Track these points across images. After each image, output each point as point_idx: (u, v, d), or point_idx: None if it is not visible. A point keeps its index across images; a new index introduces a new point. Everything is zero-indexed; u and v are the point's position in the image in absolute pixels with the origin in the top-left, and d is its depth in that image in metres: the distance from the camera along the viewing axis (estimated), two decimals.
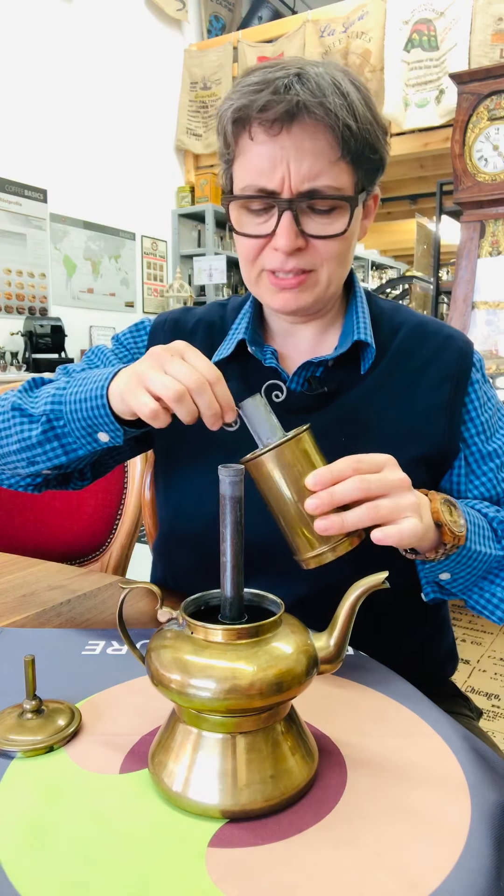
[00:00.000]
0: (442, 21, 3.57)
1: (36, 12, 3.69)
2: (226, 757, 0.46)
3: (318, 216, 0.71)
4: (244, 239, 0.75)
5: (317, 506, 0.55)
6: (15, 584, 0.95)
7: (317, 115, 0.67)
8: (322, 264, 0.74)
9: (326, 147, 0.69)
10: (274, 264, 0.74)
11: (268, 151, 0.69)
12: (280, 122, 0.68)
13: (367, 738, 0.54)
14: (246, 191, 0.72)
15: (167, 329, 0.89)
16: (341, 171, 0.71)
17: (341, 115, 0.67)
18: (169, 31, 4.67)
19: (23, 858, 0.41)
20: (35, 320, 3.57)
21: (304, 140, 0.68)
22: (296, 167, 0.69)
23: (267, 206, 0.72)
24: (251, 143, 0.71)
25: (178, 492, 0.85)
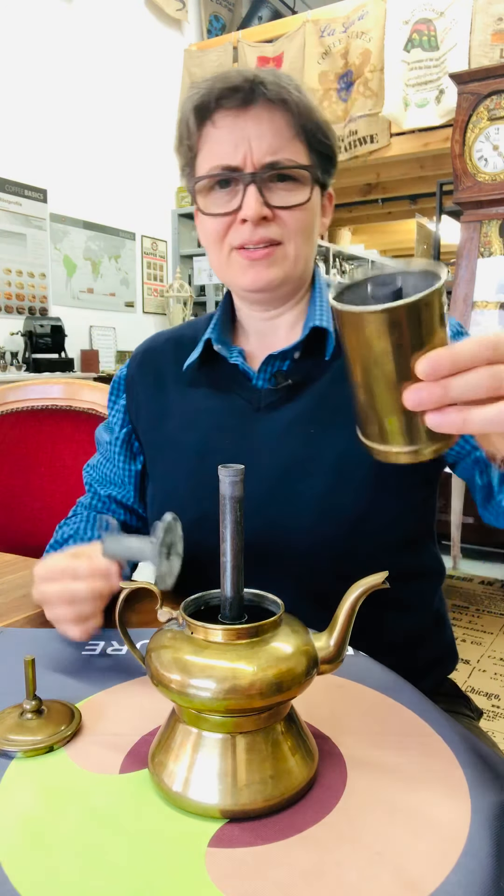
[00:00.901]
0: (442, 21, 3.57)
1: (36, 12, 3.69)
2: (226, 757, 0.46)
3: (281, 189, 0.76)
4: (211, 220, 0.78)
5: (419, 402, 0.41)
6: (15, 584, 0.95)
7: (273, 91, 0.73)
8: (289, 237, 0.77)
9: (283, 125, 0.75)
10: (242, 237, 0.76)
11: (230, 133, 0.75)
12: (239, 104, 0.74)
13: (367, 738, 0.54)
14: (210, 171, 0.76)
15: (137, 365, 0.92)
16: (298, 148, 0.76)
17: (294, 95, 0.74)
18: (169, 31, 4.67)
19: (23, 858, 0.41)
20: (35, 320, 3.57)
21: (262, 119, 0.74)
22: (257, 143, 0.74)
23: (232, 183, 0.76)
24: (213, 130, 0.76)
25: (162, 493, 0.87)
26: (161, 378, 0.88)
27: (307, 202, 0.77)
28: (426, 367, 0.40)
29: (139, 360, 0.93)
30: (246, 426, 0.81)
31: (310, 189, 0.77)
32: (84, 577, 0.63)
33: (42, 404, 1.35)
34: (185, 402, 0.85)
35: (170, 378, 0.88)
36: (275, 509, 0.76)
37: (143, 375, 0.90)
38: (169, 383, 0.88)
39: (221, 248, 0.79)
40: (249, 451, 0.79)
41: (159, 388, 0.88)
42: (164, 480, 0.87)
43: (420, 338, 0.40)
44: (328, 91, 4.03)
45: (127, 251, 4.45)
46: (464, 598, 2.99)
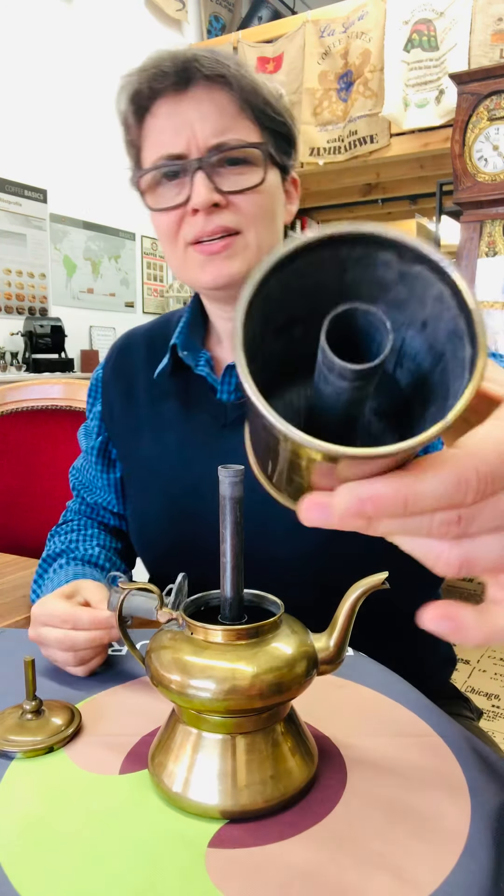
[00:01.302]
0: (442, 21, 3.57)
1: (36, 13, 3.68)
2: (225, 757, 0.46)
3: (231, 172, 0.69)
4: (162, 216, 0.72)
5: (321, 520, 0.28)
6: (15, 584, 0.95)
7: (210, 68, 0.67)
8: (247, 225, 0.70)
9: (226, 102, 0.69)
10: (196, 230, 0.70)
11: (170, 120, 0.69)
12: (176, 86, 0.68)
13: (367, 739, 0.54)
14: (154, 164, 0.71)
15: (111, 369, 0.89)
16: (246, 127, 0.70)
17: (233, 69, 0.68)
18: (169, 32, 4.67)
19: (23, 859, 0.41)
20: (35, 320, 3.57)
21: (202, 100, 0.68)
22: (200, 126, 0.68)
23: (179, 172, 0.70)
24: (153, 120, 0.71)
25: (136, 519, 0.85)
26: (133, 387, 0.85)
27: (261, 184, 0.70)
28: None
29: (113, 363, 0.89)
30: (212, 445, 0.77)
31: (263, 170, 0.70)
32: (85, 633, 0.61)
33: (42, 404, 1.35)
34: (154, 414, 0.82)
35: (141, 386, 0.84)
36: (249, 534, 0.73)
37: (117, 381, 0.87)
38: (140, 392, 0.84)
39: (176, 246, 0.73)
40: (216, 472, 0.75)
41: (131, 398, 0.85)
42: (137, 501, 0.85)
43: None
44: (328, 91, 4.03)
45: (127, 251, 4.44)
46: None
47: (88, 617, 0.61)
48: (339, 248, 0.24)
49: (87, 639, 0.61)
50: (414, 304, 0.24)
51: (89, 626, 0.61)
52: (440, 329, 0.24)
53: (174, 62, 0.67)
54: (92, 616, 0.61)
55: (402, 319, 0.25)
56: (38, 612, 0.64)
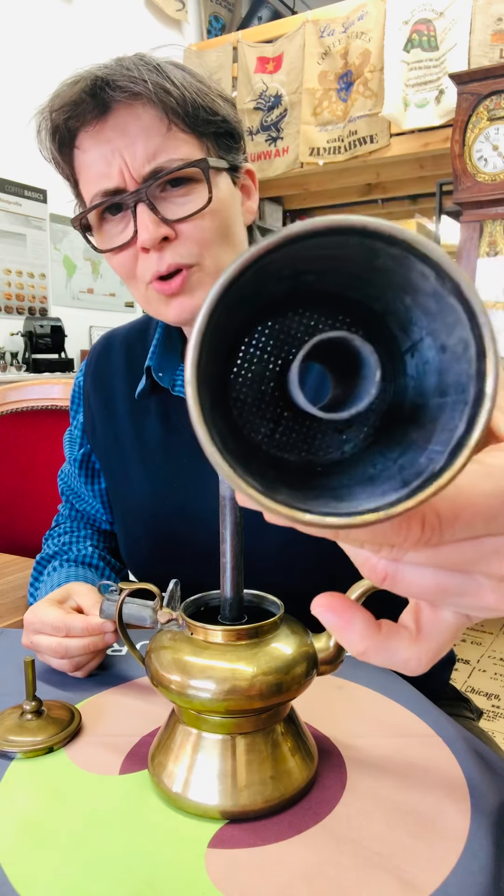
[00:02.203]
0: (442, 21, 3.57)
1: (36, 13, 3.69)
2: (225, 758, 0.46)
3: (175, 197, 0.64)
4: (115, 257, 0.67)
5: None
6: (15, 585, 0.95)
7: (121, 88, 0.61)
8: (202, 253, 0.66)
9: (152, 120, 0.63)
10: (150, 269, 0.65)
11: (97, 153, 0.64)
12: (94, 115, 0.63)
13: (367, 739, 0.54)
14: (92, 202, 0.66)
15: (91, 378, 0.86)
16: (180, 141, 0.64)
17: (150, 79, 0.61)
18: (169, 32, 4.67)
19: (23, 859, 0.41)
20: (35, 320, 3.57)
21: (126, 124, 0.62)
22: (129, 154, 0.63)
23: (119, 208, 0.66)
24: (82, 155, 0.66)
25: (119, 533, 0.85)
26: (112, 399, 0.83)
27: (210, 202, 0.64)
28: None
29: (93, 370, 0.87)
30: (193, 467, 0.75)
31: (208, 186, 0.64)
32: (78, 640, 0.61)
33: (42, 404, 1.35)
34: (134, 431, 0.80)
35: (121, 399, 0.82)
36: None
37: (97, 391, 0.85)
38: (120, 407, 0.82)
39: (137, 285, 0.69)
40: (198, 497, 0.74)
41: (112, 412, 0.83)
42: (122, 522, 0.84)
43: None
44: (328, 91, 4.03)
45: None
46: None
47: (81, 624, 0.61)
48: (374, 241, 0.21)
49: (81, 646, 0.61)
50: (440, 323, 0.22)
51: (82, 633, 0.61)
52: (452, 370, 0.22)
53: (84, 92, 0.62)
54: (85, 623, 0.61)
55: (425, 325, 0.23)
56: (31, 620, 0.63)
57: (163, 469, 0.78)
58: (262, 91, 4.30)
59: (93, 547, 0.84)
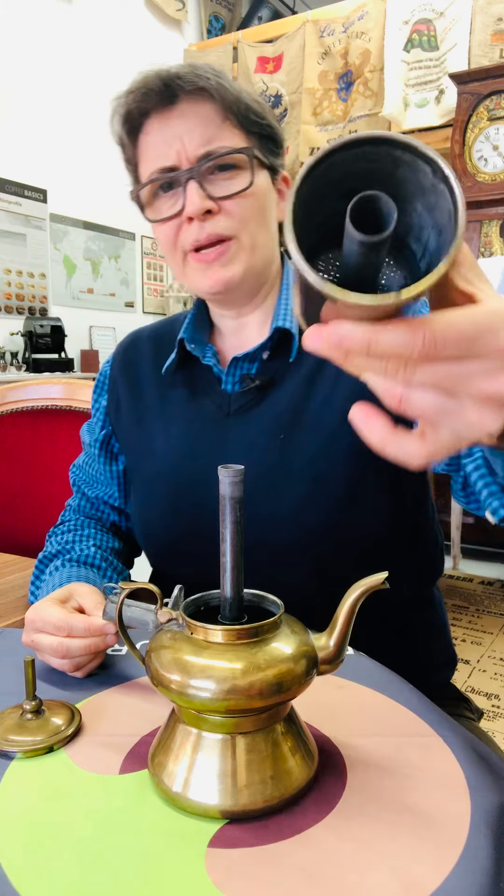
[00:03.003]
0: (442, 21, 3.57)
1: (36, 13, 3.69)
2: (225, 757, 0.46)
3: (221, 178, 0.74)
4: (161, 227, 0.76)
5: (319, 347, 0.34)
6: (15, 584, 0.95)
7: (191, 82, 0.72)
8: (240, 229, 0.74)
9: (210, 112, 0.73)
10: (191, 237, 0.74)
11: (160, 136, 0.74)
12: (162, 103, 0.73)
13: (367, 739, 0.54)
14: (149, 178, 0.76)
15: (118, 365, 0.91)
16: (231, 133, 0.74)
17: (212, 79, 0.72)
18: (169, 32, 4.67)
19: (23, 858, 0.41)
20: (35, 320, 3.57)
21: (188, 114, 0.73)
22: (188, 138, 0.72)
23: (172, 184, 0.74)
24: (146, 138, 0.76)
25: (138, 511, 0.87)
26: (140, 380, 0.88)
27: (251, 186, 0.74)
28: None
29: (120, 359, 0.91)
30: (218, 433, 0.79)
31: (251, 173, 0.74)
32: (80, 641, 0.61)
33: (42, 404, 1.35)
34: (161, 406, 0.85)
35: (148, 381, 0.87)
36: (250, 519, 0.74)
37: (124, 375, 0.89)
38: (147, 386, 0.87)
39: (176, 255, 0.77)
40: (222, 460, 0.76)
41: (138, 392, 0.87)
42: (142, 491, 0.86)
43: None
44: (328, 91, 4.03)
45: (127, 251, 4.44)
46: (464, 598, 2.99)
47: (83, 625, 0.61)
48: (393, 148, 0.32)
49: (82, 646, 0.61)
50: (438, 211, 0.32)
51: (84, 633, 0.61)
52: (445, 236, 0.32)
53: (158, 81, 0.72)
54: (87, 624, 0.61)
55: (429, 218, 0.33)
56: (33, 618, 0.63)
57: (187, 435, 0.81)
58: (262, 91, 4.30)
59: (95, 547, 0.85)
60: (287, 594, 0.52)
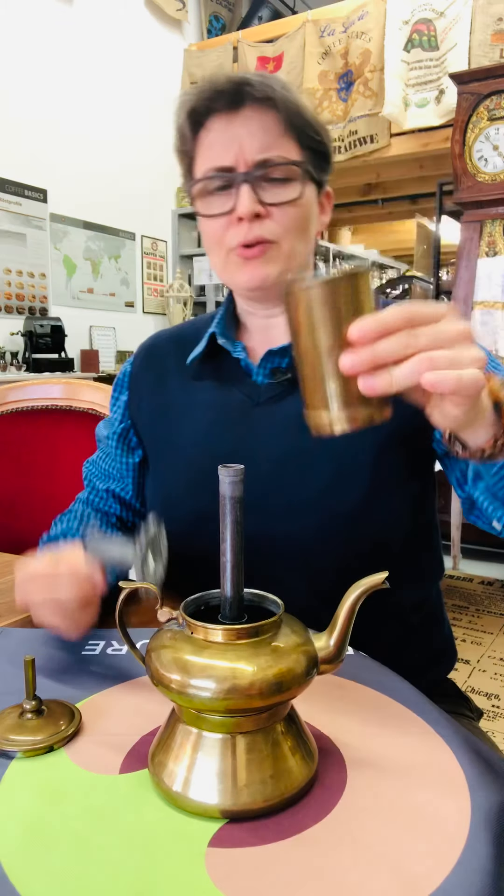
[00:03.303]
0: (442, 21, 3.57)
1: (37, 13, 3.69)
2: (226, 757, 0.46)
3: (273, 186, 0.77)
4: (210, 222, 0.80)
5: (353, 364, 0.46)
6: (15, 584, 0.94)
7: (260, 91, 0.75)
8: (283, 235, 0.78)
9: (272, 123, 0.76)
10: (238, 237, 0.77)
11: (222, 135, 0.77)
12: (229, 105, 0.76)
13: (367, 738, 0.54)
14: (205, 174, 0.79)
15: (141, 362, 0.94)
16: (289, 146, 0.77)
17: (280, 93, 0.75)
18: (169, 32, 4.67)
19: (23, 858, 0.41)
20: (35, 320, 3.57)
21: (251, 119, 0.76)
22: (248, 142, 0.76)
23: (226, 185, 0.78)
24: (207, 134, 0.78)
25: (162, 492, 0.88)
26: (164, 373, 0.90)
27: (299, 198, 0.78)
28: (358, 329, 0.46)
29: (143, 356, 0.94)
30: (245, 421, 0.82)
31: (301, 185, 0.78)
32: (67, 584, 0.64)
33: (42, 404, 1.35)
34: (187, 396, 0.87)
35: (172, 373, 0.89)
36: (274, 503, 0.77)
37: (146, 371, 0.92)
38: (171, 378, 0.89)
39: (220, 250, 0.81)
40: (248, 446, 0.80)
41: (162, 384, 0.90)
42: (163, 475, 0.87)
43: (352, 308, 0.46)
44: (328, 91, 4.03)
45: (127, 251, 4.44)
46: (464, 598, 2.99)
47: (68, 570, 0.65)
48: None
49: (74, 599, 0.64)
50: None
51: (70, 578, 0.65)
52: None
53: (229, 84, 0.75)
54: (70, 569, 0.65)
55: None
56: (20, 574, 0.67)
57: (214, 423, 0.84)
58: None
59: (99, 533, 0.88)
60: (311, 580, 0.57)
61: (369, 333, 0.46)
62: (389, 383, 0.46)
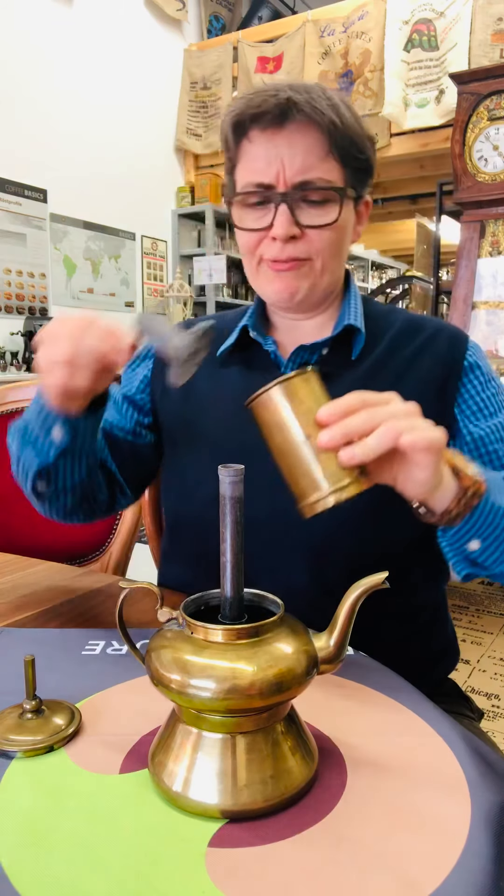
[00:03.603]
0: (442, 21, 3.57)
1: (36, 14, 3.69)
2: (226, 757, 0.46)
3: (311, 208, 0.77)
4: (245, 234, 0.80)
5: (330, 438, 0.53)
6: (15, 584, 0.95)
7: (306, 113, 0.74)
8: (316, 254, 0.79)
9: (316, 143, 0.75)
10: (271, 253, 0.79)
11: (264, 150, 0.76)
12: (273, 122, 0.75)
13: (367, 738, 0.54)
14: (245, 188, 0.79)
15: None
16: (331, 166, 0.77)
17: (327, 114, 0.74)
18: (169, 31, 4.66)
19: (23, 858, 0.41)
20: (35, 320, 3.57)
21: (295, 137, 0.75)
22: (289, 162, 0.75)
23: (264, 201, 0.78)
24: (249, 146, 0.78)
25: (181, 475, 0.88)
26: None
27: (335, 222, 0.77)
28: (327, 411, 0.54)
29: None
30: None
31: (339, 208, 0.78)
32: (99, 333, 0.64)
33: None
34: (213, 384, 0.87)
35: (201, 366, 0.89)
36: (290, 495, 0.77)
37: None
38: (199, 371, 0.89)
39: (253, 260, 0.82)
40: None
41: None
42: (185, 459, 0.87)
43: (313, 399, 0.55)
44: None
45: (127, 251, 4.44)
46: (464, 598, 2.99)
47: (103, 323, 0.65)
48: None
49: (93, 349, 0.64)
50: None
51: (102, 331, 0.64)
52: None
53: (277, 99, 0.74)
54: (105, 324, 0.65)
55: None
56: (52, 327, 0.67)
57: (236, 410, 0.83)
58: None
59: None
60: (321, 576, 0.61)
61: (337, 413, 0.54)
62: (366, 452, 0.53)
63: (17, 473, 0.84)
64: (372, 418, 0.54)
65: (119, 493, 0.91)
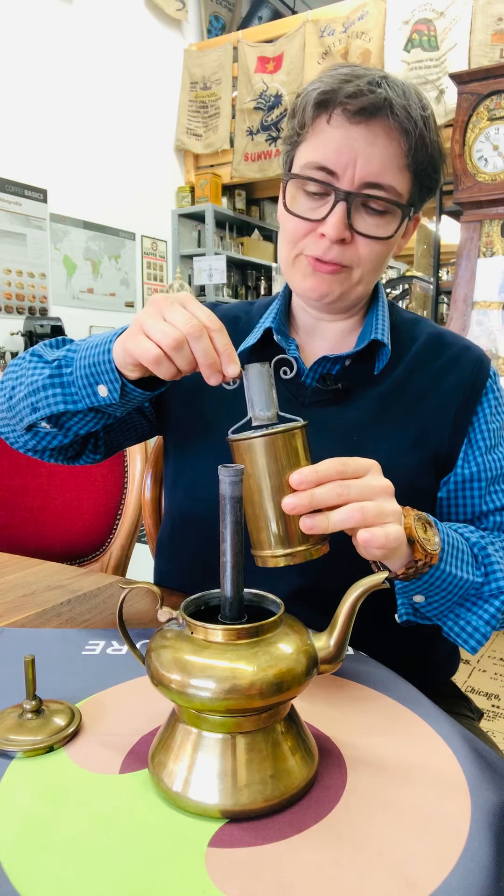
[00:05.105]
0: (442, 21, 3.57)
1: (37, 13, 3.68)
2: (226, 757, 0.46)
3: (370, 216, 0.74)
4: (292, 219, 0.76)
5: (294, 506, 0.53)
6: (15, 584, 0.95)
7: (398, 117, 0.70)
8: (359, 263, 0.76)
9: (398, 151, 0.71)
10: (315, 251, 0.75)
11: (341, 137, 0.71)
12: (362, 113, 0.70)
13: (367, 738, 0.54)
14: (308, 167, 0.73)
15: None
16: (402, 179, 0.73)
17: (419, 124, 0.71)
18: (169, 31, 4.66)
19: (23, 858, 0.41)
20: (35, 320, 3.57)
21: (378, 137, 0.70)
22: (364, 160, 0.71)
23: (324, 192, 0.73)
24: (327, 127, 0.72)
25: (190, 470, 0.86)
26: None
27: (389, 237, 0.75)
28: (298, 477, 0.53)
29: None
30: (289, 409, 0.80)
31: (398, 224, 0.75)
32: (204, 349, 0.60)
33: None
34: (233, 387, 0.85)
35: None
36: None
37: None
38: None
39: (293, 249, 0.78)
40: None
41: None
42: (194, 455, 0.86)
43: (291, 459, 0.54)
44: None
45: (127, 251, 4.44)
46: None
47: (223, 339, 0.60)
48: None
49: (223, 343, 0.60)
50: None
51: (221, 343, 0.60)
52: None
53: (374, 95, 0.69)
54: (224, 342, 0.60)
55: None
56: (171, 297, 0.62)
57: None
58: (262, 91, 4.30)
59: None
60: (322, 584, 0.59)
61: (307, 481, 0.53)
62: (326, 525, 0.54)
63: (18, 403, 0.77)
64: (340, 495, 0.54)
65: (90, 449, 0.88)
